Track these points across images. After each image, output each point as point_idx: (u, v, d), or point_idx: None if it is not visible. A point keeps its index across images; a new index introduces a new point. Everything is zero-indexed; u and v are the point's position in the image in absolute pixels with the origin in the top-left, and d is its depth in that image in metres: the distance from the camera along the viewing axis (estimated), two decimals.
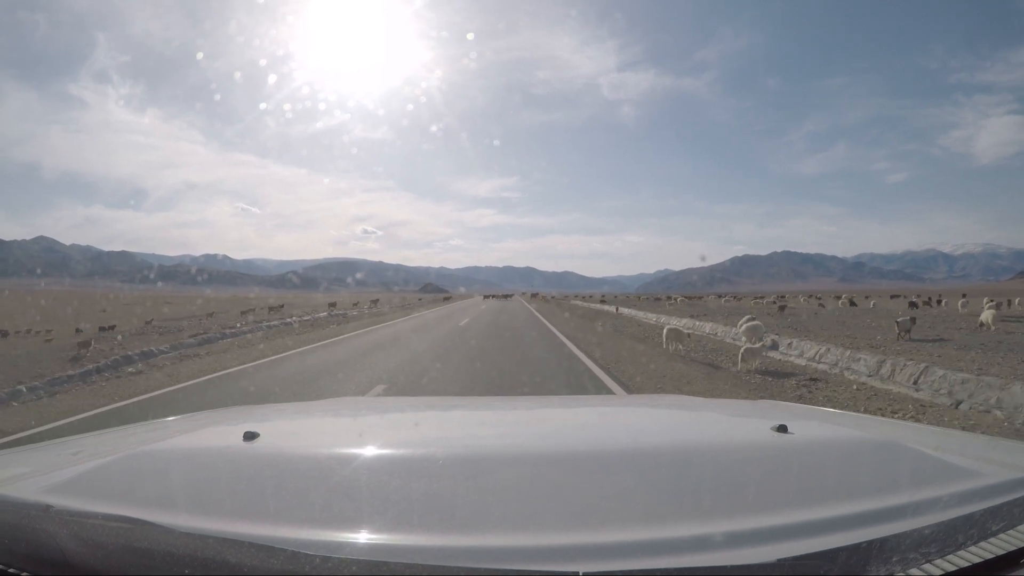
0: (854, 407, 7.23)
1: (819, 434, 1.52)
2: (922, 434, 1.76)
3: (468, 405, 2.49)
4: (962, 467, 1.19)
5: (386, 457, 1.24)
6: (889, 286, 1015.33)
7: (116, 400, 8.47)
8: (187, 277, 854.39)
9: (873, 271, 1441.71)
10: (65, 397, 8.78)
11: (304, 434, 1.70)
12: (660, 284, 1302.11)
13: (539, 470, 1.17)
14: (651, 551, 0.85)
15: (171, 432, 1.62)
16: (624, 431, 1.72)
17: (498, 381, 9.35)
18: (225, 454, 1.28)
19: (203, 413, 2.15)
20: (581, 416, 2.06)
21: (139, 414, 7.42)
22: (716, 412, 2.15)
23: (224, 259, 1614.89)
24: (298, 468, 1.18)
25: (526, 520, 0.97)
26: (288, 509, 1.01)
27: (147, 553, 0.78)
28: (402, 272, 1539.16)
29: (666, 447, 1.35)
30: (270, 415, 2.00)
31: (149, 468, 1.19)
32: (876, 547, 0.81)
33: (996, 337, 13.62)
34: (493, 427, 1.79)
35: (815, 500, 1.04)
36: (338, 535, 0.90)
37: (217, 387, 9.49)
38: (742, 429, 1.69)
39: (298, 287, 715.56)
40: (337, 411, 2.11)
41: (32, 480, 1.16)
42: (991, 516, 0.90)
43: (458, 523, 0.98)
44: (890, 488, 1.09)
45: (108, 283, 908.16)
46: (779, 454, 1.29)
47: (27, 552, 0.81)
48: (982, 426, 6.09)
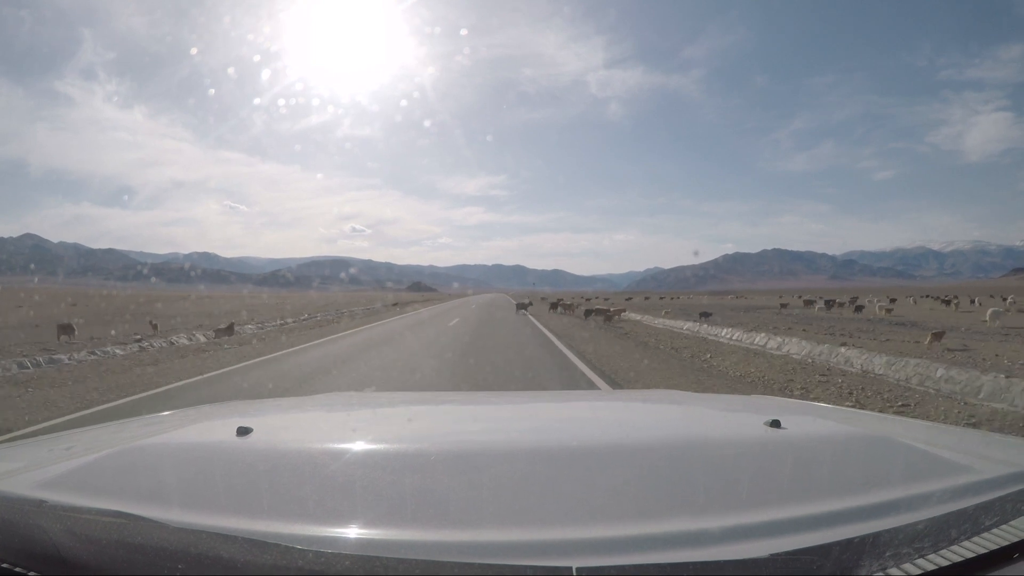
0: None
1: (812, 429, 1.52)
2: (915, 429, 1.77)
3: (461, 400, 2.48)
4: (955, 462, 1.20)
5: (379, 452, 1.24)
6: (880, 284, 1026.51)
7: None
8: (177, 275, 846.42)
9: (864, 268, 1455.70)
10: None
11: (297, 429, 1.70)
12: (650, 282, 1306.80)
13: (532, 465, 1.17)
14: (644, 546, 0.86)
15: (164, 427, 1.61)
16: (617, 426, 1.72)
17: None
18: (218, 449, 1.28)
19: (197, 408, 2.13)
20: (574, 411, 2.07)
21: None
22: (709, 407, 2.15)
23: (215, 257, 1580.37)
24: (291, 463, 1.18)
25: (519, 515, 0.98)
26: (281, 504, 1.01)
27: (140, 548, 0.78)
28: (394, 270, 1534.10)
29: (659, 442, 1.35)
30: (263, 410, 2.00)
31: (142, 463, 1.19)
32: (869, 542, 0.82)
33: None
34: (486, 422, 1.79)
35: (808, 495, 1.05)
36: (331, 530, 0.90)
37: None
38: (735, 424, 1.69)
39: (292, 284, 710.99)
40: (330, 406, 2.10)
41: (25, 475, 1.16)
42: (984, 511, 0.90)
43: (451, 518, 0.97)
44: (883, 483, 1.10)
45: (98, 281, 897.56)
46: (772, 449, 1.29)
47: (20, 547, 0.81)
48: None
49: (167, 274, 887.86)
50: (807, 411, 1.96)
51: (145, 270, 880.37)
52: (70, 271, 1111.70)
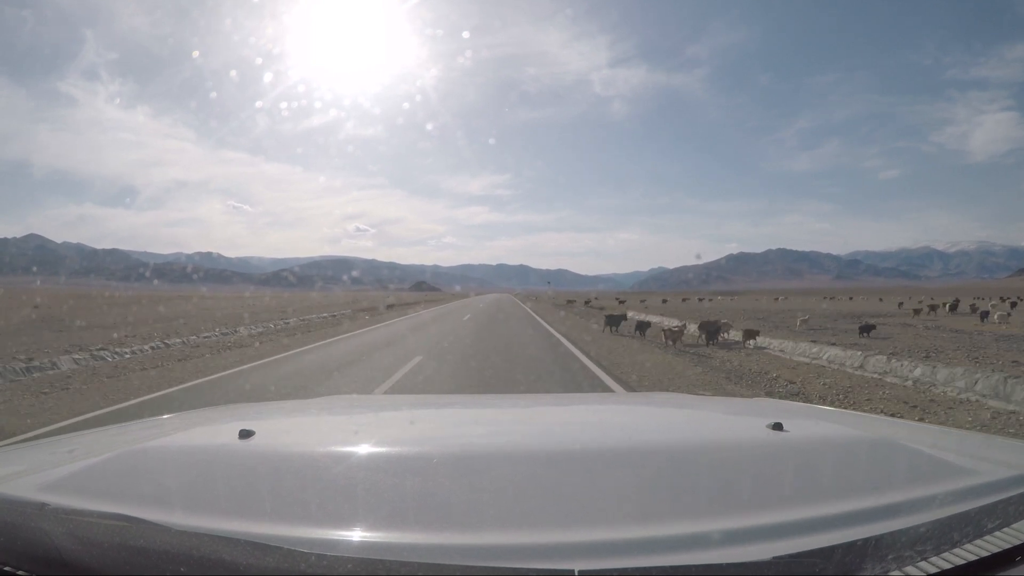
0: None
1: (815, 432, 1.52)
2: (918, 432, 1.76)
3: (463, 403, 2.47)
4: (958, 465, 1.20)
5: (381, 455, 1.24)
6: (885, 284, 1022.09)
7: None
8: (180, 275, 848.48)
9: (868, 268, 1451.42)
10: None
11: (299, 432, 1.69)
12: (655, 282, 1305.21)
13: (535, 468, 1.17)
14: (647, 549, 0.86)
15: (166, 430, 1.61)
16: (620, 429, 1.72)
17: None
18: (220, 452, 1.28)
19: (199, 411, 2.14)
20: (577, 414, 2.06)
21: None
22: (712, 410, 2.14)
23: (218, 257, 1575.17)
24: (293, 466, 1.18)
25: (521, 518, 0.98)
26: (283, 507, 1.02)
27: (142, 551, 0.78)
28: (397, 270, 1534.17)
29: (661, 445, 1.35)
30: (266, 413, 1.99)
31: (144, 466, 1.19)
32: (872, 545, 0.82)
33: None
34: (488, 425, 1.78)
35: (811, 498, 1.05)
36: (333, 533, 0.90)
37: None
38: (738, 427, 1.68)
39: (294, 286, 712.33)
40: (332, 409, 2.09)
41: (27, 478, 1.16)
42: (986, 514, 0.90)
43: (453, 521, 0.97)
44: (886, 486, 1.10)
45: (101, 282, 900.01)
46: (775, 452, 1.29)
47: (22, 550, 0.81)
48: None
49: (170, 274, 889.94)
50: (809, 414, 1.95)
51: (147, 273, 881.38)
52: (73, 271, 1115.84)
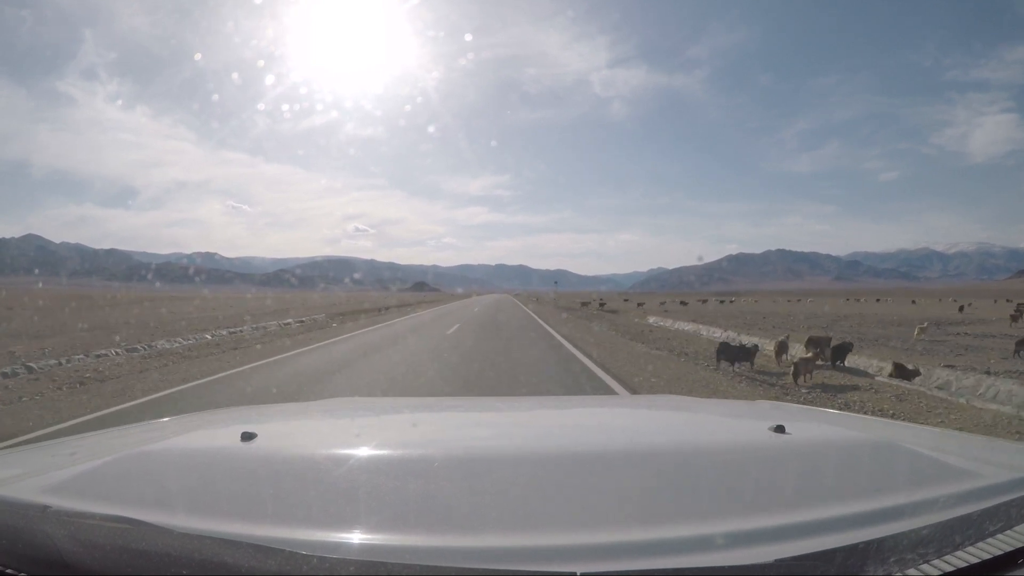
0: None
1: (817, 434, 1.52)
2: (920, 435, 1.76)
3: (465, 406, 2.46)
4: (960, 468, 1.20)
5: (383, 457, 1.24)
6: (884, 285, 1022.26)
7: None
8: (180, 275, 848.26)
9: (868, 270, 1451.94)
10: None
11: (301, 434, 1.70)
12: (654, 283, 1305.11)
13: (537, 470, 1.17)
14: (649, 551, 0.85)
15: (168, 432, 1.61)
16: (622, 431, 1.72)
17: None
18: (222, 454, 1.28)
19: (200, 414, 2.13)
20: (579, 417, 2.05)
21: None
22: (714, 413, 2.13)
23: (219, 258, 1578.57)
24: (295, 468, 1.18)
25: (524, 520, 0.97)
26: (285, 509, 1.01)
27: (144, 554, 0.78)
28: (398, 270, 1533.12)
29: (664, 447, 1.35)
30: (267, 415, 1.98)
31: (146, 469, 1.19)
32: (874, 547, 0.82)
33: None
34: (490, 428, 1.78)
35: (813, 500, 1.04)
36: (335, 535, 0.90)
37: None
38: (740, 430, 1.68)
39: (295, 285, 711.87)
40: (334, 411, 2.08)
41: (29, 481, 1.16)
42: (988, 517, 0.90)
43: (455, 523, 0.97)
44: (888, 488, 1.10)
45: (100, 282, 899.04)
46: (777, 455, 1.29)
47: (25, 553, 0.81)
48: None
49: (170, 275, 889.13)
50: (812, 417, 1.96)
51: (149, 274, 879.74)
52: (73, 272, 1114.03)
